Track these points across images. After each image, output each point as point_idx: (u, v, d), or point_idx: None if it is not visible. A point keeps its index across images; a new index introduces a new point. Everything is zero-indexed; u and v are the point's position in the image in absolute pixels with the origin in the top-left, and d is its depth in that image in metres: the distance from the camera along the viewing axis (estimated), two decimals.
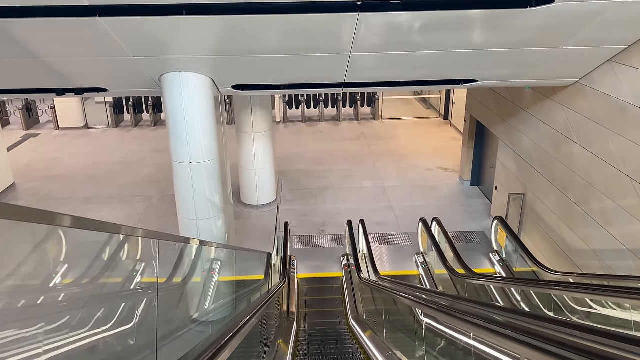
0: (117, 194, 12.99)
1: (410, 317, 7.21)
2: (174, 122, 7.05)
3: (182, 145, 7.11)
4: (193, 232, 7.58)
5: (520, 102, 9.59)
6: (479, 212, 11.84)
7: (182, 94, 6.84)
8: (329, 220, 11.58)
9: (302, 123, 18.86)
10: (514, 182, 10.07)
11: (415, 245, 10.36)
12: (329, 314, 8.39)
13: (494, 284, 7.64)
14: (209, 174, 7.36)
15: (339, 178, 13.78)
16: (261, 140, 11.53)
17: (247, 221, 11.65)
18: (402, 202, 12.35)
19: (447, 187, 13.13)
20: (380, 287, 6.43)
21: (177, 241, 5.44)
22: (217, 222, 7.73)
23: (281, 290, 7.72)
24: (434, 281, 9.02)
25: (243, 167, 11.86)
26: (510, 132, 10.13)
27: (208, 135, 7.21)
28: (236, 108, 11.40)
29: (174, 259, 5.60)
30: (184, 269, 7.24)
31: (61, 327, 1.68)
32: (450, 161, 14.72)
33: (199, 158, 7.21)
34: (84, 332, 1.89)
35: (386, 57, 6.46)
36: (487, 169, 12.50)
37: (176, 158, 7.26)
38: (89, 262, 2.07)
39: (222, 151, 7.80)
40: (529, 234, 9.52)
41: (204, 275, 8.45)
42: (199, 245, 6.98)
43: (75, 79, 6.96)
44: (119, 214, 11.99)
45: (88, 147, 16.67)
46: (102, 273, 2.32)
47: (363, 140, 16.78)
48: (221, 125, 7.77)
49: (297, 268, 9.67)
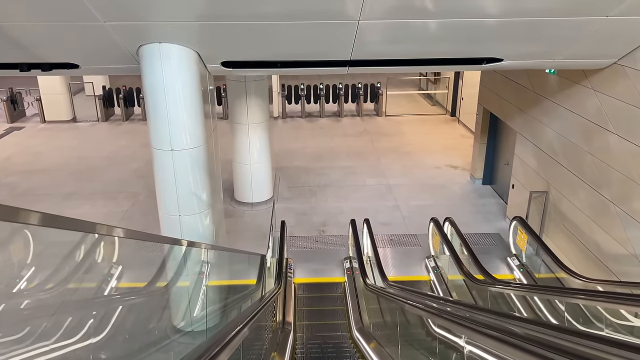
0: (101, 190, 12.04)
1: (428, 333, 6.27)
2: (154, 102, 6.10)
3: (163, 130, 6.16)
4: (175, 231, 6.63)
5: (543, 90, 8.66)
6: (493, 213, 10.90)
7: (162, 69, 5.90)
8: (330, 220, 10.64)
9: (302, 119, 17.93)
10: (534, 179, 9.13)
11: (425, 248, 9.42)
12: (330, 325, 7.42)
13: (520, 293, 6.69)
14: (194, 164, 6.41)
15: (341, 175, 12.84)
16: (257, 132, 10.58)
17: (241, 220, 10.69)
18: (409, 201, 11.40)
19: (457, 186, 12.19)
20: (391, 296, 5.48)
21: (156, 241, 4.47)
22: (204, 219, 6.78)
23: (276, 297, 6.76)
24: (447, 287, 8.07)
25: (237, 161, 10.91)
26: (530, 124, 9.19)
27: (193, 119, 6.26)
28: (230, 97, 10.46)
29: (154, 261, 4.71)
30: (165, 273, 6.17)
31: (23, 338, 1.59)
32: (460, 159, 13.78)
33: (183, 145, 6.26)
34: (49, 345, 1.76)
35: (400, 27, 5.52)
36: (501, 166, 11.56)
37: (156, 144, 6.31)
38: (53, 265, 1.97)
39: (210, 138, 6.85)
40: (552, 236, 8.58)
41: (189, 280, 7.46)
42: (181, 246, 5.99)
43: (40, 51, 6.02)
44: (100, 210, 11.04)
45: (74, 141, 15.72)
46: (69, 278, 2.21)
47: (366, 137, 15.85)
48: (209, 108, 6.83)
49: (294, 272, 8.71)
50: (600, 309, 6.28)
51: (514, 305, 7.57)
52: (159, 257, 6.03)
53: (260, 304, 5.39)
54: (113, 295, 3.22)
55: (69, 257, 2.29)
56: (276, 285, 6.86)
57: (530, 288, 6.02)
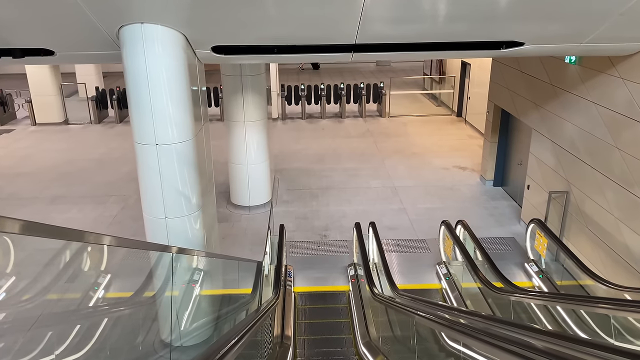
0: (90, 194, 11.38)
1: (442, 347, 5.58)
2: (136, 91, 5.45)
3: (146, 122, 5.51)
4: (161, 235, 5.96)
5: (562, 82, 8.01)
6: (506, 216, 10.22)
7: (145, 52, 5.26)
8: (332, 224, 9.96)
9: (302, 120, 17.29)
10: (552, 178, 8.46)
11: (435, 254, 8.74)
12: (333, 339, 6.73)
13: (547, 302, 6.01)
14: (182, 160, 5.75)
15: (344, 177, 12.17)
16: (254, 130, 9.93)
17: (237, 224, 10.02)
18: (416, 203, 10.73)
19: (466, 188, 11.52)
20: (404, 309, 4.80)
21: (141, 248, 3.93)
22: (193, 222, 6.11)
23: (273, 308, 6.08)
24: (461, 296, 7.38)
25: (233, 162, 10.25)
26: (547, 120, 8.53)
27: (180, 110, 5.61)
28: (225, 93, 9.82)
29: (140, 269, 4.52)
30: (151, 282, 5.52)
31: None
32: (468, 159, 13.12)
33: (168, 138, 5.60)
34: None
35: (410, 3, 4.88)
36: (513, 166, 10.89)
37: (139, 138, 5.66)
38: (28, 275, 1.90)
39: (200, 132, 6.20)
40: (573, 240, 7.90)
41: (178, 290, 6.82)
42: (168, 253, 5.35)
43: (8, 35, 5.38)
44: (88, 215, 10.38)
45: (65, 143, 15.08)
46: (47, 289, 2.14)
47: (369, 138, 15.19)
48: (199, 100, 6.18)
49: (294, 280, 8.03)
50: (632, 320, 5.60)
51: (534, 315, 6.90)
52: (144, 266, 5.35)
53: (256, 317, 4.72)
54: (96, 307, 3.09)
55: (48, 266, 2.15)
56: (274, 295, 6.18)
57: (562, 297, 5.34)
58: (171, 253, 5.33)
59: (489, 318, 4.00)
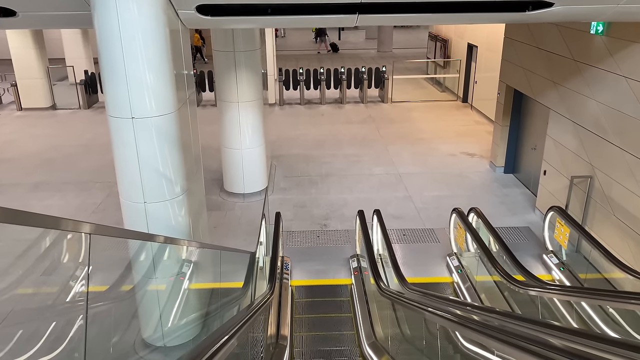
0: (74, 180, 10.67)
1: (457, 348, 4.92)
2: (108, 56, 4.73)
3: (120, 92, 4.79)
4: (140, 222, 5.27)
5: (586, 56, 7.29)
6: (519, 204, 9.53)
7: (117, 11, 4.53)
8: (333, 213, 9.27)
9: (301, 105, 16.54)
10: (573, 162, 7.76)
11: (445, 244, 8.05)
12: (335, 337, 6.05)
13: (585, 299, 5.33)
14: (162, 136, 5.03)
15: (345, 164, 11.46)
16: (248, 111, 9.20)
17: (230, 213, 9.32)
18: (422, 191, 10.03)
19: (475, 175, 10.81)
20: (417, 306, 4.10)
21: (117, 235, 3.46)
22: (176, 208, 5.41)
23: (268, 304, 5.39)
24: (476, 291, 6.70)
25: (226, 146, 9.53)
26: (568, 99, 7.82)
27: (160, 78, 4.89)
28: (217, 71, 9.07)
29: (117, 260, 4.04)
30: (131, 275, 5.01)
31: None
32: (476, 146, 12.41)
33: (146, 111, 4.89)
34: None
35: None
36: (526, 151, 10.19)
37: (112, 111, 4.94)
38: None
39: (185, 106, 5.48)
40: (598, 228, 7.21)
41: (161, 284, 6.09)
42: (150, 242, 4.64)
43: None
44: (71, 202, 9.68)
45: (51, 129, 14.33)
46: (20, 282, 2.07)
47: (371, 124, 14.46)
48: (183, 68, 5.45)
49: (291, 273, 7.35)
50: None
51: (557, 312, 6.23)
52: (124, 257, 4.71)
53: (247, 314, 4.03)
54: (68, 303, 2.79)
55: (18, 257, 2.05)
56: (268, 289, 5.49)
57: (601, 294, 4.63)
58: (153, 242, 4.65)
59: (521, 319, 3.32)
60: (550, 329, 2.89)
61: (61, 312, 2.90)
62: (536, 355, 2.14)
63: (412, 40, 29.35)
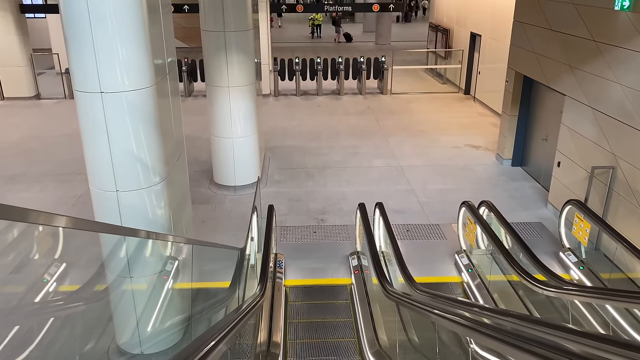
0: (55, 172, 10.00)
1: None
2: (72, 19, 4.08)
3: (86, 61, 4.13)
4: (112, 213, 4.62)
5: (609, 36, 6.68)
6: (530, 198, 8.92)
7: None
8: (331, 207, 8.63)
9: (297, 97, 15.87)
10: (592, 152, 7.15)
11: (452, 241, 7.44)
12: (334, 344, 5.42)
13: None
14: (136, 114, 4.38)
15: (343, 156, 10.82)
16: (239, 97, 8.54)
17: (220, 207, 8.67)
18: (425, 184, 9.40)
19: (481, 168, 10.20)
20: (431, 312, 3.47)
21: (83, 229, 2.84)
22: (154, 198, 4.75)
23: (258, 308, 4.74)
24: (489, 292, 6.08)
25: (216, 134, 8.87)
26: (587, 84, 7.20)
27: (134, 47, 4.24)
28: (206, 52, 8.40)
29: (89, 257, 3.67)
30: (103, 274, 4.49)
31: None
32: (481, 138, 11.79)
33: (117, 85, 4.23)
34: None
35: None
36: (537, 142, 9.57)
37: (79, 84, 4.28)
38: None
39: (164, 81, 4.83)
40: (621, 224, 6.58)
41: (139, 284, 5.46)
42: (125, 237, 4.11)
43: None
44: (49, 195, 9.01)
45: (34, 118, 13.63)
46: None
47: (370, 115, 13.82)
48: (161, 35, 4.79)
49: (285, 271, 6.70)
50: None
51: (578, 315, 5.63)
52: (95, 252, 4.16)
53: (234, 319, 3.40)
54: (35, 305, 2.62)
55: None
56: (259, 290, 4.84)
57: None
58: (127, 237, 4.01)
59: (575, 332, 2.69)
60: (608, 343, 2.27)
61: (25, 314, 2.63)
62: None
63: (411, 34, 28.71)
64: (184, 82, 15.57)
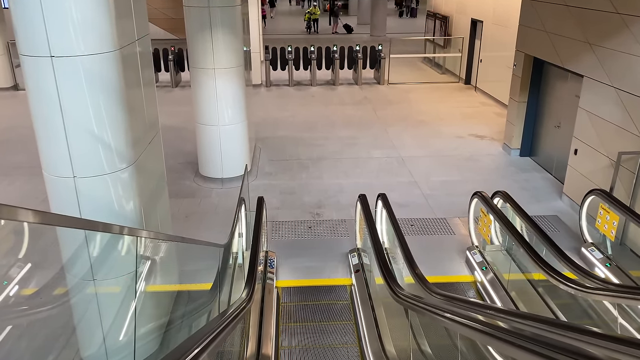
0: (28, 164, 9.20)
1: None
2: None
3: (33, 17, 3.38)
4: (69, 203, 3.87)
5: (637, 7, 5.99)
6: (542, 189, 8.24)
7: None
8: (327, 200, 7.92)
9: (289, 87, 15.13)
10: (615, 137, 6.47)
11: (461, 236, 6.76)
12: (332, 353, 4.70)
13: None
14: (95, 83, 3.63)
15: (339, 146, 10.11)
16: (226, 80, 7.80)
17: (206, 200, 7.93)
18: (429, 176, 8.71)
19: (488, 158, 9.52)
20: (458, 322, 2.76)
21: (33, 221, 2.21)
22: (119, 186, 4.01)
23: (244, 316, 4.01)
24: (507, 293, 5.38)
25: (201, 122, 8.12)
26: (610, 62, 6.52)
27: (91, 1, 3.49)
28: (189, 31, 7.65)
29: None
30: (62, 276, 3.94)
31: None
32: (485, 127, 11.12)
33: (71, 48, 3.48)
34: None
35: None
36: (548, 130, 8.90)
37: (24, 47, 3.53)
38: None
39: (133, 48, 4.08)
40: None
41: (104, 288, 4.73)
42: (84, 230, 3.41)
43: None
44: (19, 188, 8.25)
45: (10, 110, 12.81)
46: None
47: (367, 105, 13.11)
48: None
49: (277, 271, 5.98)
50: None
51: (608, 318, 4.95)
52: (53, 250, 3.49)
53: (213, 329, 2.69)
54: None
55: None
56: (246, 294, 4.11)
57: None
58: (87, 230, 3.29)
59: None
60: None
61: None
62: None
63: (407, 26, 28.03)
64: (171, 72, 14.81)
